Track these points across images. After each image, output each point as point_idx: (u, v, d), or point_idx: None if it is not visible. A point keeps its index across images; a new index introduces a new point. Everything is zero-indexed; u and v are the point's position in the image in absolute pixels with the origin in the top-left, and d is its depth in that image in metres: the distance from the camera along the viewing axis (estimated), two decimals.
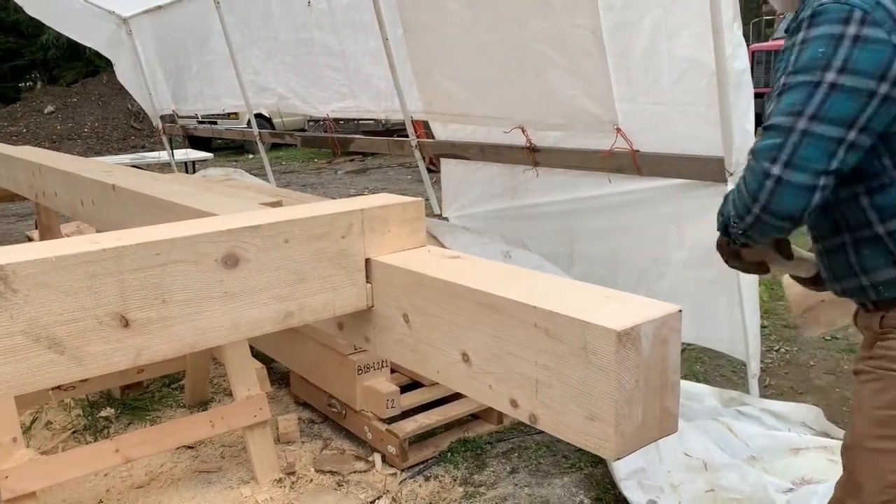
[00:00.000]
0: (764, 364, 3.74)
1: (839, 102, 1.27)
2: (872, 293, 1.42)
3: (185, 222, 0.96)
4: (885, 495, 1.37)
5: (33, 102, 17.73)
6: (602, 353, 0.73)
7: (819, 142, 1.28)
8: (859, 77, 1.26)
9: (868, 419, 1.41)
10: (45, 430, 3.43)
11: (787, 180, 1.30)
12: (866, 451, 1.41)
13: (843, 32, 1.26)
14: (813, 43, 1.29)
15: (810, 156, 1.28)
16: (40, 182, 2.50)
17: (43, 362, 0.80)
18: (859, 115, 1.28)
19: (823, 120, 1.28)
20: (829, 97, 1.27)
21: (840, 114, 1.27)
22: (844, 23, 1.26)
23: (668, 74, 3.09)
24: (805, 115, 1.29)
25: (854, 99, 1.27)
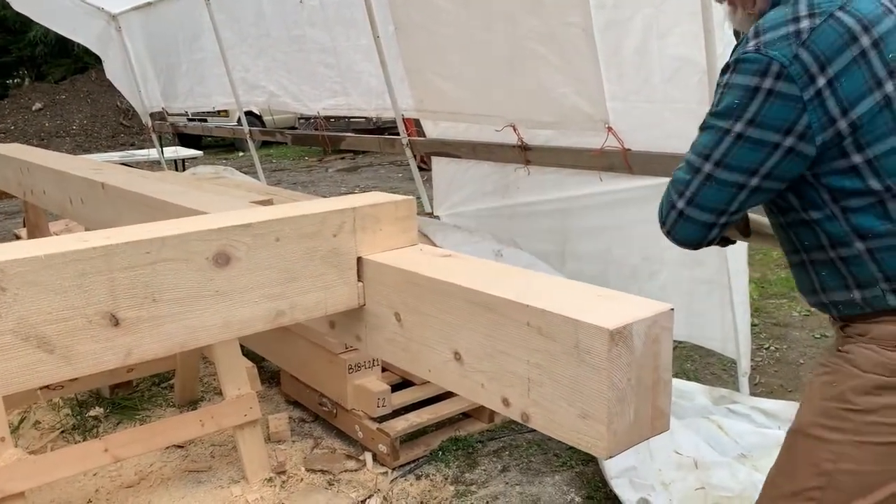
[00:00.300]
0: (754, 362, 3.76)
1: (743, 152, 1.36)
2: (833, 310, 1.48)
3: (176, 220, 0.95)
4: (818, 481, 1.42)
5: (21, 99, 17.61)
6: (594, 352, 0.73)
7: (721, 186, 1.39)
8: (765, 130, 1.33)
9: (815, 408, 1.47)
10: (34, 430, 3.41)
11: (688, 215, 1.43)
12: (808, 437, 1.46)
13: (758, 85, 1.33)
14: (731, 90, 1.36)
15: (711, 197, 1.40)
16: (29, 180, 2.48)
17: (32, 361, 0.79)
18: (761, 164, 1.36)
19: (727, 167, 1.37)
20: (735, 146, 1.36)
21: (742, 162, 1.36)
22: (762, 75, 1.32)
23: (659, 73, 3.10)
24: (711, 160, 1.39)
25: (757, 150, 1.35)
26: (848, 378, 1.42)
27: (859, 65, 1.32)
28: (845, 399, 1.41)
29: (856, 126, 1.32)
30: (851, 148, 1.34)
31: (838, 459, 1.41)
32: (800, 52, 1.31)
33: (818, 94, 1.31)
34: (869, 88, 1.32)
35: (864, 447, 1.39)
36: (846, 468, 1.40)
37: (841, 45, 1.32)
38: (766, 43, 1.33)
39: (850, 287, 1.42)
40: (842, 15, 1.33)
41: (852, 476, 1.40)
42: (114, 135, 16.60)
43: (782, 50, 1.31)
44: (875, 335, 1.40)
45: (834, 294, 1.45)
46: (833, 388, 1.44)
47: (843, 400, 1.42)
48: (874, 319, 1.40)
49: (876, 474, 1.38)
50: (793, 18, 1.34)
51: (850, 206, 1.37)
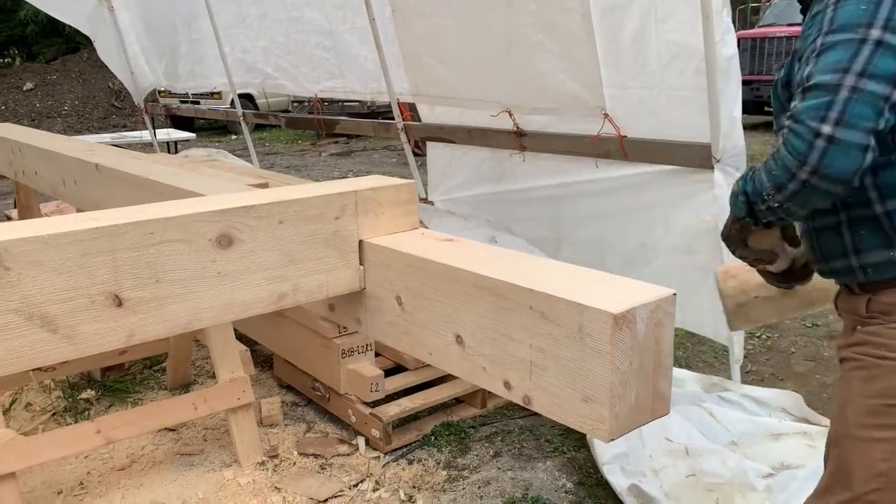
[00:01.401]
0: (745, 350, 3.78)
1: (886, 60, 1.24)
2: (861, 275, 1.41)
3: (179, 202, 0.95)
4: (875, 483, 1.37)
5: (12, 79, 17.43)
6: (597, 336, 0.73)
7: (870, 99, 1.23)
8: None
9: (858, 408, 1.41)
10: (25, 412, 3.40)
11: (839, 139, 1.23)
12: (856, 440, 1.40)
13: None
14: (851, 2, 1.26)
15: (861, 113, 1.23)
16: (20, 160, 2.46)
17: (35, 341, 0.79)
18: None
19: (872, 77, 1.23)
20: (876, 54, 1.23)
21: (887, 71, 1.24)
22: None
23: (657, 59, 3.09)
24: (853, 72, 1.24)
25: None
26: (889, 371, 1.36)
27: None
28: (890, 394, 1.36)
29: None
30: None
31: (893, 457, 1.35)
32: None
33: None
34: None
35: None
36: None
37: None
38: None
39: (893, 244, 1.35)
40: None
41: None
42: (105, 116, 16.48)
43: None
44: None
45: (869, 255, 1.38)
46: (874, 384, 1.38)
47: (888, 395, 1.36)
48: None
49: None
50: None
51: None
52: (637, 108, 3.22)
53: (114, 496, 2.77)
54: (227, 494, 2.77)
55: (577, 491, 2.74)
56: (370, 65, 4.84)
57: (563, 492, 2.74)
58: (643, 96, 3.20)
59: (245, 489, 2.80)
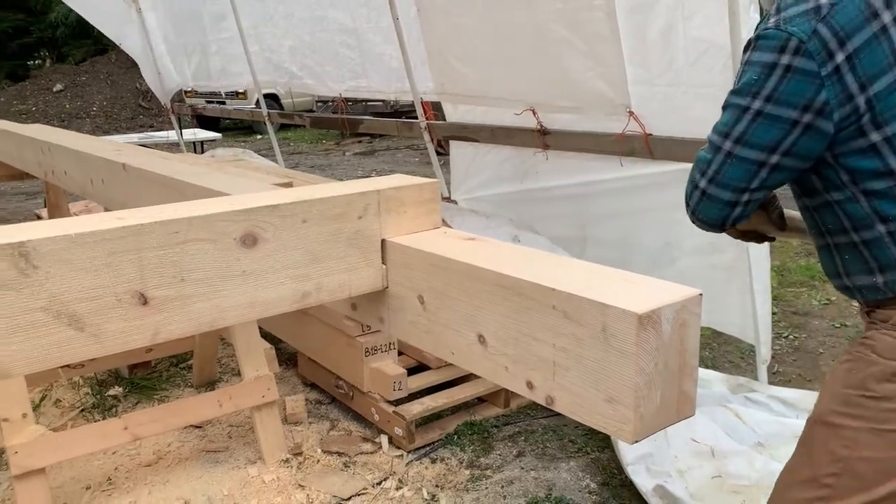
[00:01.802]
0: (773, 351, 3.74)
1: (762, 129, 1.36)
2: (858, 294, 1.48)
3: (204, 201, 0.96)
4: (834, 468, 1.43)
5: (42, 81, 17.72)
6: (622, 336, 0.72)
7: (741, 163, 1.39)
8: (783, 107, 1.33)
9: (834, 396, 1.47)
10: (54, 408, 3.46)
11: (710, 194, 1.44)
12: (825, 425, 1.47)
13: (776, 61, 1.32)
14: (751, 68, 1.36)
15: (733, 175, 1.40)
16: (49, 161, 2.50)
17: (63, 339, 0.80)
18: (781, 141, 1.35)
19: (746, 144, 1.38)
20: (754, 123, 1.36)
21: (762, 140, 1.36)
22: (780, 51, 1.31)
23: (683, 56, 3.06)
24: (731, 138, 1.39)
25: (776, 127, 1.34)
26: (868, 365, 1.42)
27: (880, 41, 1.31)
28: (864, 386, 1.41)
29: (873, 103, 1.31)
30: (870, 126, 1.33)
31: (854, 446, 1.41)
32: (819, 27, 1.29)
33: (836, 70, 1.29)
34: (889, 65, 1.31)
35: (882, 435, 1.39)
36: (862, 455, 1.40)
37: (861, 20, 1.30)
38: (785, 19, 1.32)
39: (873, 271, 1.41)
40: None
41: (868, 463, 1.40)
42: (133, 116, 16.69)
43: (801, 26, 1.30)
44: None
45: (857, 278, 1.45)
46: (853, 376, 1.44)
47: (862, 387, 1.42)
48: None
49: (893, 461, 1.38)
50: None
51: (870, 188, 1.36)
52: (663, 106, 3.19)
53: (140, 492, 2.80)
54: (252, 491, 2.79)
55: (600, 492, 2.72)
56: (394, 63, 4.84)
57: (586, 492, 2.73)
58: (669, 94, 3.17)
59: (269, 486, 2.82)
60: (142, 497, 2.77)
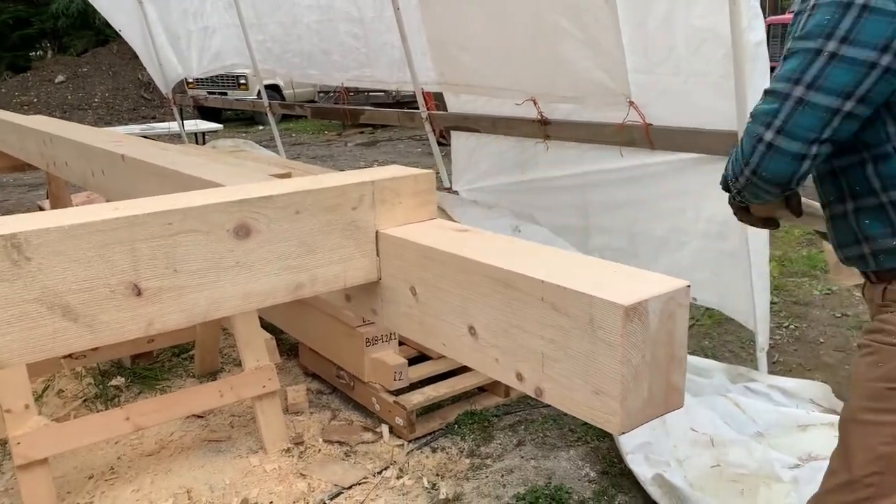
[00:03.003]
0: (773, 340, 3.75)
1: (838, 72, 1.27)
2: (873, 262, 1.43)
3: (198, 192, 0.96)
4: (875, 466, 1.39)
5: (44, 72, 17.71)
6: (609, 328, 0.73)
7: (814, 111, 1.29)
8: (861, 48, 1.26)
9: (862, 392, 1.43)
10: (57, 398, 3.48)
11: (777, 146, 1.32)
12: (859, 423, 1.43)
13: (851, 1, 1.26)
14: (821, 9, 1.29)
15: (803, 124, 1.30)
16: (51, 152, 2.50)
17: (56, 330, 0.81)
18: (858, 85, 1.28)
19: (821, 89, 1.29)
20: (829, 66, 1.28)
21: (838, 84, 1.28)
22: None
23: (684, 45, 3.05)
24: (802, 83, 1.30)
25: (854, 70, 1.27)
26: (894, 356, 1.37)
27: None
28: (893, 378, 1.37)
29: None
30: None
31: (894, 441, 1.37)
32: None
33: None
34: None
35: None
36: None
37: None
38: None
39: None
40: None
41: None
42: (135, 107, 16.68)
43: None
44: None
45: (877, 242, 1.40)
46: (878, 368, 1.39)
47: (891, 379, 1.37)
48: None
49: None
50: None
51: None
52: (663, 95, 3.19)
53: (143, 481, 2.82)
54: (254, 480, 2.81)
55: (600, 480, 2.74)
56: (397, 53, 4.84)
57: (586, 481, 2.74)
58: (670, 83, 3.16)
59: (271, 475, 2.84)
60: (144, 486, 2.79)
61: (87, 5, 12.76)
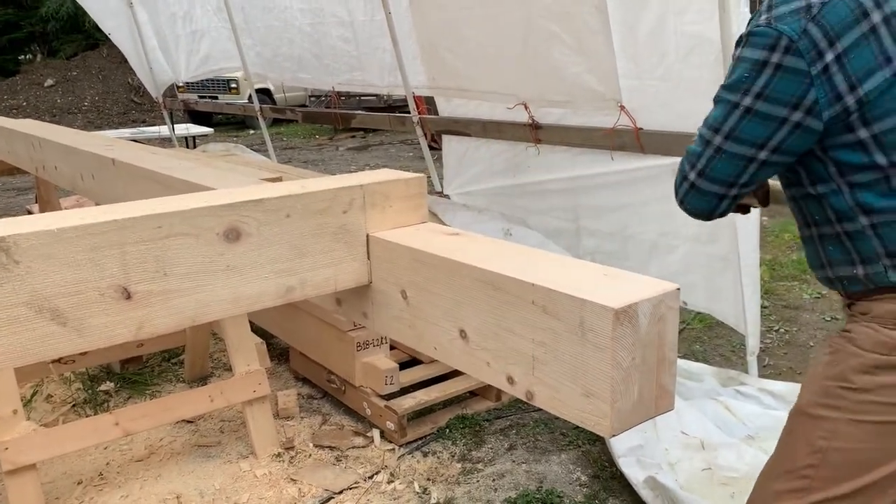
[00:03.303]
0: (763, 344, 3.76)
1: (751, 126, 1.38)
2: (839, 285, 1.50)
3: (187, 195, 0.96)
4: (812, 459, 1.44)
5: (33, 76, 17.63)
6: (599, 331, 0.73)
7: (731, 159, 1.41)
8: (773, 104, 1.35)
9: (815, 388, 1.49)
10: (46, 403, 3.46)
11: (699, 187, 1.47)
12: (806, 416, 1.48)
13: (767, 59, 1.33)
14: (742, 64, 1.38)
15: (721, 169, 1.43)
16: (40, 155, 2.49)
17: (45, 334, 0.80)
18: (769, 138, 1.37)
19: (735, 140, 1.40)
20: (743, 120, 1.38)
21: (751, 136, 1.38)
22: (770, 49, 1.33)
23: (674, 51, 3.07)
24: (721, 133, 1.41)
25: (766, 124, 1.36)
26: (849, 357, 1.43)
27: (869, 41, 1.32)
28: (844, 378, 1.43)
29: (863, 102, 1.32)
30: (858, 123, 1.34)
31: (832, 437, 1.42)
32: (809, 26, 1.30)
33: (826, 70, 1.31)
34: (878, 65, 1.32)
35: (860, 426, 1.40)
36: (839, 446, 1.42)
37: (851, 20, 1.31)
38: (776, 17, 1.33)
39: (855, 262, 1.43)
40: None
41: (845, 454, 1.41)
42: (125, 111, 16.62)
43: (792, 24, 1.31)
44: (876, 313, 1.41)
45: (839, 269, 1.47)
46: (834, 368, 1.46)
47: (841, 379, 1.43)
48: (876, 297, 1.42)
49: (870, 453, 1.40)
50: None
51: (855, 181, 1.38)
52: (654, 101, 3.20)
53: (132, 486, 2.81)
54: (244, 485, 2.80)
55: (591, 484, 2.74)
56: (388, 57, 4.84)
57: (577, 485, 2.74)
58: (660, 88, 3.18)
59: (261, 480, 2.83)
60: (133, 491, 2.78)
61: (78, 9, 12.75)
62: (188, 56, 7.46)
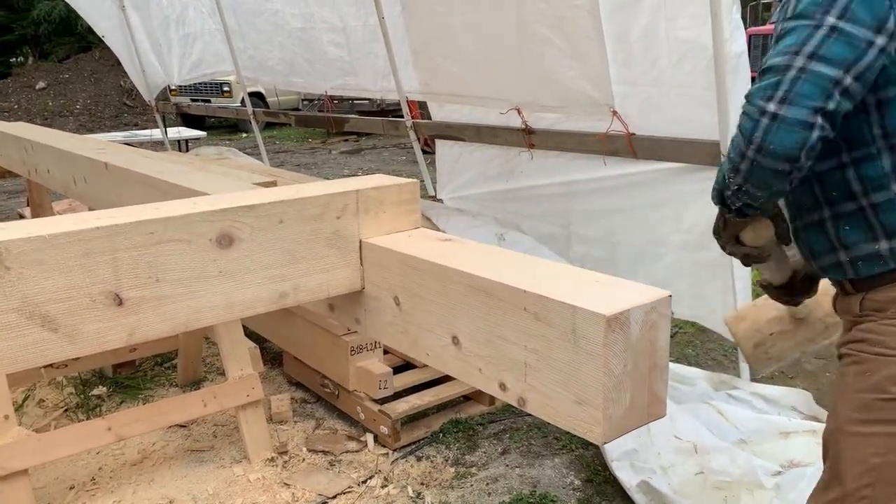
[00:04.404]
0: None
1: (838, 45, 1.26)
2: (850, 270, 1.41)
3: (180, 201, 0.96)
4: (868, 478, 1.37)
5: (24, 78, 17.55)
6: (591, 338, 0.73)
7: (817, 79, 1.25)
8: (857, 25, 1.25)
9: (851, 403, 1.41)
10: (38, 408, 3.44)
11: (783, 115, 1.26)
12: (849, 435, 1.40)
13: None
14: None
15: (808, 92, 1.25)
16: (33, 159, 2.48)
17: (36, 340, 0.80)
18: (856, 61, 1.26)
19: (822, 59, 1.26)
20: (829, 39, 1.26)
21: (838, 55, 1.26)
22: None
23: (666, 57, 3.08)
24: (803, 54, 1.27)
25: (852, 45, 1.26)
26: (882, 366, 1.35)
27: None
28: (883, 388, 1.35)
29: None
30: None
31: (886, 452, 1.35)
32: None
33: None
34: None
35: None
36: (894, 460, 1.35)
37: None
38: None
39: (878, 237, 1.36)
40: None
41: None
42: (117, 115, 16.56)
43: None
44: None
45: (857, 249, 1.39)
46: (867, 379, 1.38)
47: (880, 390, 1.36)
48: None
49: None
50: None
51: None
52: (646, 106, 3.21)
53: (125, 491, 2.79)
54: (237, 490, 2.79)
55: (584, 488, 2.74)
56: (381, 62, 4.84)
57: (570, 489, 2.74)
58: (652, 94, 3.19)
59: (254, 485, 2.82)
60: (126, 497, 2.77)
61: (70, 11, 12.71)
62: (181, 59, 7.45)
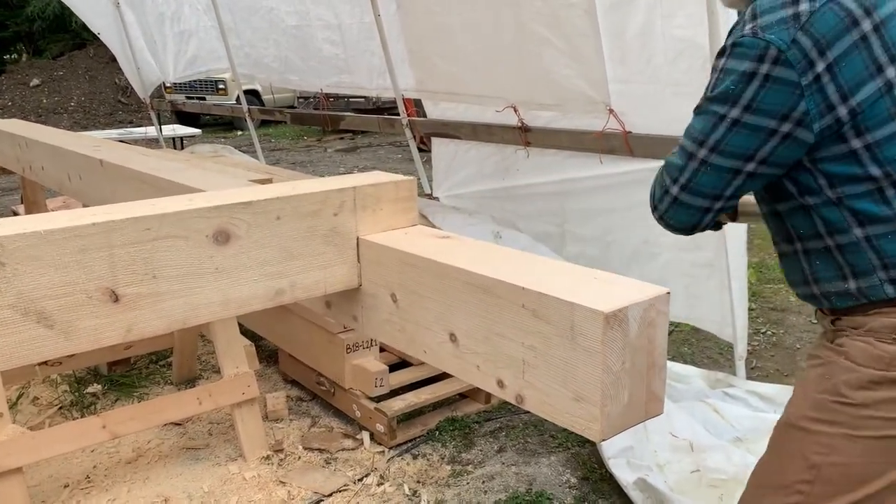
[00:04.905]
0: (751, 346, 3.78)
1: (739, 138, 1.34)
2: (825, 302, 1.45)
3: (176, 197, 0.95)
4: (807, 475, 1.41)
5: (18, 75, 17.49)
6: (589, 335, 0.73)
7: (716, 172, 1.38)
8: (762, 116, 1.31)
9: (808, 401, 1.45)
10: (32, 406, 3.43)
11: (681, 200, 1.43)
12: (797, 429, 1.45)
13: (755, 70, 1.30)
14: (727, 75, 1.34)
15: (706, 182, 1.39)
16: (27, 156, 2.47)
17: (32, 336, 0.80)
18: (758, 150, 1.34)
19: (722, 153, 1.36)
20: (731, 132, 1.34)
21: (738, 148, 1.35)
22: (759, 60, 1.29)
23: (663, 55, 3.08)
24: (706, 146, 1.37)
25: (754, 136, 1.33)
26: (842, 371, 1.40)
27: (860, 49, 1.29)
28: (838, 392, 1.39)
29: (855, 112, 1.29)
30: (850, 133, 1.31)
31: (829, 452, 1.39)
32: (798, 36, 1.27)
33: (817, 80, 1.28)
34: (870, 74, 1.29)
35: (858, 441, 1.37)
36: (836, 461, 1.38)
37: (841, 29, 1.28)
38: (763, 26, 1.30)
39: (846, 277, 1.39)
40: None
41: (842, 469, 1.38)
42: (112, 112, 16.52)
43: (780, 34, 1.28)
44: (871, 327, 1.37)
45: (827, 285, 1.42)
46: (827, 381, 1.42)
47: (836, 393, 1.40)
48: (871, 311, 1.37)
49: (867, 467, 1.37)
50: (791, 1, 1.30)
51: (846, 192, 1.34)
52: (642, 104, 3.21)
53: (120, 489, 2.79)
54: (233, 488, 2.79)
55: (581, 486, 2.74)
56: (376, 60, 4.83)
57: (567, 487, 2.75)
58: (648, 92, 3.19)
59: (250, 483, 2.82)
60: (121, 495, 2.76)
61: (64, 9, 12.66)
62: (176, 56, 7.42)
